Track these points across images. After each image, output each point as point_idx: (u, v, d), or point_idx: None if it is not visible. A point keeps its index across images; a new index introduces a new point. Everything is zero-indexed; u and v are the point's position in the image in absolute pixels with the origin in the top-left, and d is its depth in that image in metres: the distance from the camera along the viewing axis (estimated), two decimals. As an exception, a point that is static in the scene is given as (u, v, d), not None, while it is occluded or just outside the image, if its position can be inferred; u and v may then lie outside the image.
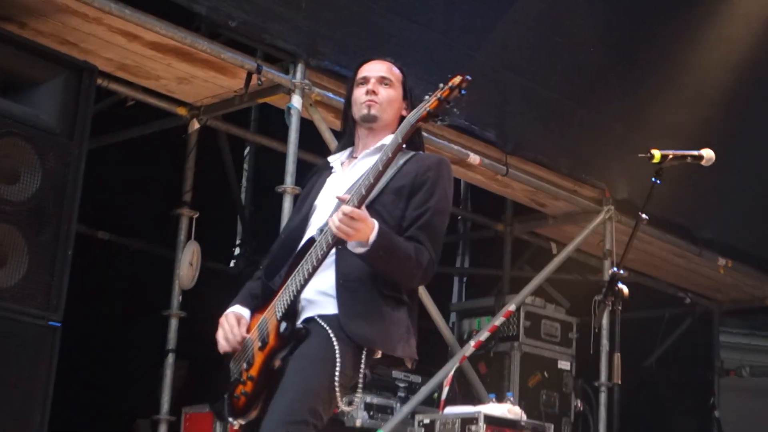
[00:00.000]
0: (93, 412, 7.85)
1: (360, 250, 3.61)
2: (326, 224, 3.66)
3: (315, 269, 3.67)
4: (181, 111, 6.99)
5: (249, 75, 6.28)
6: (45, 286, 5.31)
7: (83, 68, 5.58)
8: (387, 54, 6.16)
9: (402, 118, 3.91)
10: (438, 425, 6.75)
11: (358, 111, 3.99)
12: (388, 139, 3.84)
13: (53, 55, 5.57)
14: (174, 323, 6.90)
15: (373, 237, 3.58)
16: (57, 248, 5.36)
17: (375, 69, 4.03)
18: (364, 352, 3.70)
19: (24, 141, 5.28)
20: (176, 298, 6.92)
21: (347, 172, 3.96)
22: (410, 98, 4.04)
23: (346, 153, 4.07)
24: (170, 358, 6.86)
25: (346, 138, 4.11)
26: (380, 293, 3.71)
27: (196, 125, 7.03)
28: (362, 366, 3.71)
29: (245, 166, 9.36)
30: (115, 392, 8.07)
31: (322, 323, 3.70)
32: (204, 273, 7.08)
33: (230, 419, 3.83)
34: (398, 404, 7.24)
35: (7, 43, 5.33)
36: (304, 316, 3.75)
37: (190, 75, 6.44)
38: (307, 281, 3.69)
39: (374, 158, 3.80)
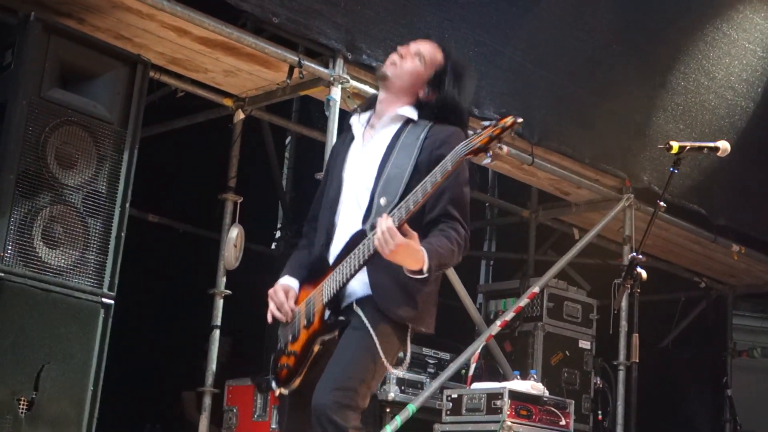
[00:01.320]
0: (142, 385, 7.93)
1: (417, 276, 3.61)
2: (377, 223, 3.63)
3: (362, 267, 3.68)
4: (227, 102, 7.03)
5: (291, 68, 6.30)
6: (99, 265, 5.37)
7: (137, 62, 5.63)
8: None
9: (417, 98, 3.92)
10: (465, 400, 6.76)
11: (379, 67, 4.01)
12: (404, 110, 3.89)
13: (109, 49, 5.62)
14: (219, 301, 6.93)
15: (426, 266, 3.58)
16: (111, 230, 5.42)
17: (421, 44, 4.00)
18: (409, 328, 3.76)
19: (82, 129, 5.34)
20: (221, 278, 6.94)
21: (367, 144, 3.94)
22: (438, 88, 3.95)
23: (366, 116, 4.03)
24: (215, 334, 6.89)
25: (371, 99, 4.12)
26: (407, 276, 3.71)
27: (241, 115, 7.06)
28: (408, 340, 3.77)
29: (286, 154, 9.39)
30: (163, 366, 8.14)
31: (359, 309, 3.73)
32: (247, 254, 7.11)
33: (273, 385, 3.86)
34: (428, 380, 7.26)
35: (68, 38, 5.39)
36: (347, 301, 3.77)
37: (236, 68, 6.47)
38: (353, 275, 3.70)
39: (390, 129, 3.86)
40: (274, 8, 5.98)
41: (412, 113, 3.94)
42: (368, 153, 3.91)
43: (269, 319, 3.92)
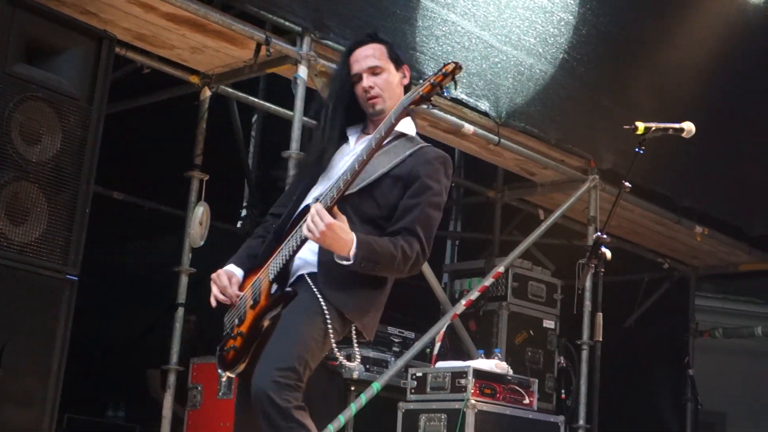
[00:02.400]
0: (107, 362, 7.90)
1: (344, 262, 3.60)
2: (321, 196, 3.65)
3: (305, 241, 3.66)
4: (194, 79, 6.98)
5: (258, 46, 6.28)
6: (63, 241, 5.33)
7: (103, 37, 5.58)
8: (386, 28, 6.20)
9: (406, 87, 3.93)
10: (430, 378, 6.78)
11: (365, 108, 3.94)
12: (403, 126, 3.83)
13: (75, 24, 5.56)
14: (184, 279, 6.91)
15: (353, 251, 3.57)
16: (75, 206, 5.38)
17: (363, 62, 3.93)
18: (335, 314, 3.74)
19: (46, 105, 5.29)
20: (186, 255, 6.92)
21: (355, 147, 3.92)
22: (403, 61, 3.99)
23: (359, 127, 4.02)
24: (180, 312, 6.86)
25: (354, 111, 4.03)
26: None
27: (207, 93, 7.02)
28: (353, 325, 3.77)
29: (253, 132, 9.35)
30: (127, 344, 8.12)
31: (310, 281, 3.72)
32: (212, 232, 7.09)
33: (219, 371, 3.84)
34: (393, 358, 7.28)
35: (33, 12, 5.33)
36: (296, 274, 3.76)
37: (202, 45, 6.43)
38: (299, 247, 3.69)
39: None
40: (242, -16, 5.96)
41: (410, 128, 3.94)
42: (354, 152, 3.86)
43: (212, 303, 3.91)
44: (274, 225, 3.95)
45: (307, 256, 3.75)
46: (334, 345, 3.68)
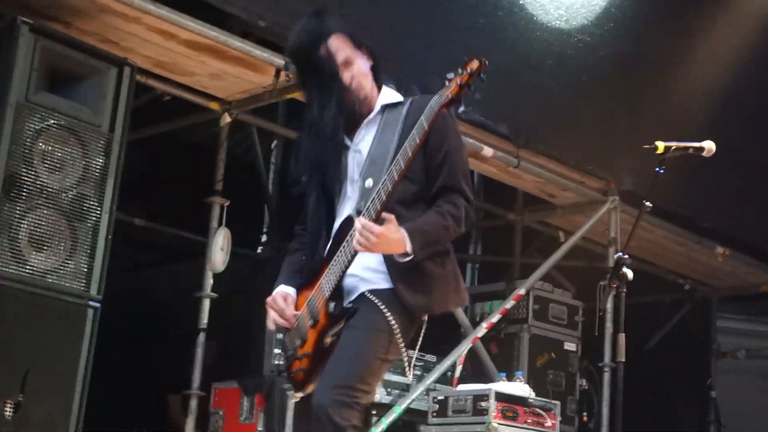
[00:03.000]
0: (129, 388, 7.92)
1: (406, 259, 3.59)
2: (364, 209, 3.62)
3: (355, 254, 3.63)
4: (214, 105, 7.03)
5: (278, 72, 6.32)
6: (86, 268, 5.38)
7: (123, 65, 5.64)
8: (406, 52, 6.20)
9: (373, 68, 3.87)
10: (451, 401, 6.78)
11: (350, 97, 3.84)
12: (384, 98, 3.84)
13: (96, 52, 5.62)
14: (206, 304, 6.93)
15: (409, 246, 3.56)
16: (98, 233, 5.42)
17: (338, 51, 3.79)
18: (424, 319, 3.76)
19: (68, 133, 5.35)
20: (208, 281, 6.95)
21: (356, 142, 3.87)
22: (361, 44, 3.86)
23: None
24: (201, 337, 6.89)
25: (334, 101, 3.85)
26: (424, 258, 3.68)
27: (227, 119, 7.06)
28: (415, 331, 3.77)
29: (272, 158, 9.38)
30: (149, 370, 8.13)
31: (373, 298, 3.68)
32: (233, 258, 7.11)
33: (293, 392, 3.82)
34: (414, 381, 7.27)
35: (54, 41, 5.40)
36: (355, 293, 3.74)
37: (222, 71, 6.48)
38: (351, 262, 3.66)
39: (376, 122, 3.80)
40: (260, 11, 6.00)
41: (392, 96, 3.91)
42: (356, 146, 3.85)
43: (271, 327, 3.90)
44: (303, 239, 3.96)
45: (363, 273, 3.73)
46: (403, 350, 3.68)
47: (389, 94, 3.93)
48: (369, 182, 3.67)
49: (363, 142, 3.85)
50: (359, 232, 3.51)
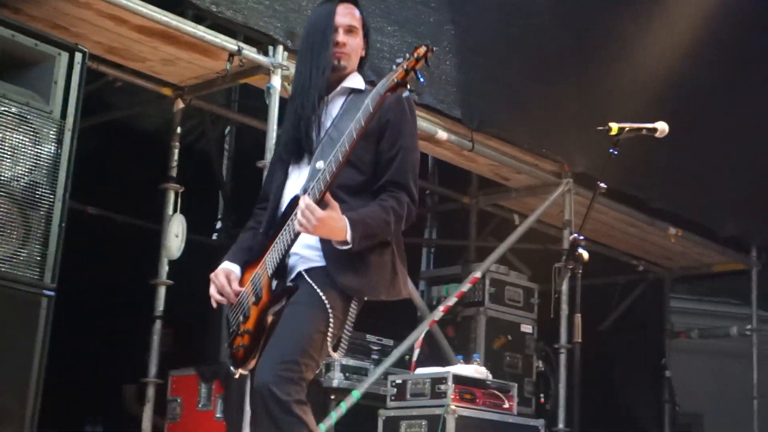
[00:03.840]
0: (84, 377, 7.86)
1: (344, 247, 3.63)
2: (309, 188, 3.66)
3: (298, 233, 3.68)
4: (167, 91, 6.97)
5: (230, 56, 6.27)
6: (40, 256, 5.30)
7: (74, 51, 5.56)
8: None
9: (361, 59, 4.00)
10: (409, 385, 6.80)
11: (330, 59, 3.95)
12: (352, 80, 3.93)
13: (46, 38, 5.53)
14: (161, 291, 6.90)
15: (349, 235, 3.61)
16: (51, 221, 5.35)
17: (342, 18, 3.97)
18: (354, 301, 3.78)
19: (19, 119, 5.26)
20: (163, 268, 6.91)
21: (327, 111, 3.93)
22: (367, 39, 4.06)
23: None
24: (157, 325, 6.85)
25: None
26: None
27: (180, 105, 7.01)
28: (351, 311, 3.78)
29: (226, 144, 9.34)
30: (104, 358, 8.08)
31: (308, 278, 3.73)
32: (188, 245, 7.07)
33: (232, 368, 3.85)
34: (372, 366, 7.28)
35: (3, 26, 5.31)
36: (295, 270, 3.79)
37: (174, 57, 6.42)
38: (294, 240, 3.71)
39: (338, 102, 3.87)
40: (213, -5, 5.96)
41: (358, 83, 3.97)
42: (323, 123, 3.90)
43: (213, 303, 3.92)
44: (261, 217, 3.98)
45: (302, 251, 3.78)
46: (329, 339, 3.69)
47: (356, 80, 3.98)
48: (320, 164, 3.70)
49: (324, 122, 3.88)
50: (301, 213, 3.55)
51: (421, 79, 3.58)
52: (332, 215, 3.58)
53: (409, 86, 3.57)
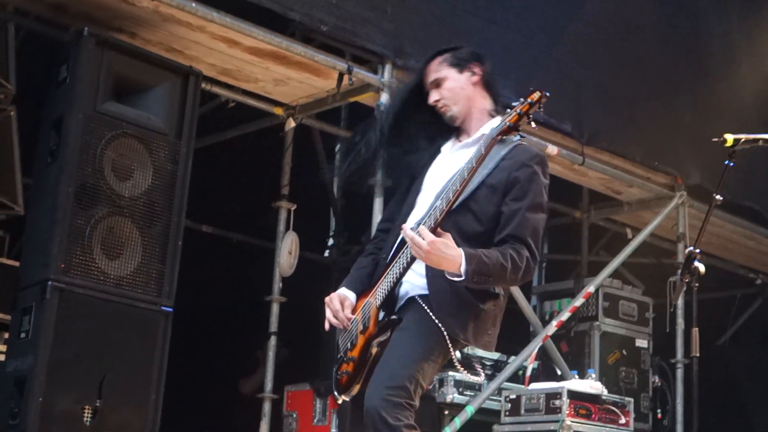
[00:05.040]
0: (202, 392, 7.99)
1: (456, 279, 3.60)
2: (425, 217, 3.66)
3: (409, 264, 3.69)
4: (278, 111, 7.08)
5: (341, 76, 6.34)
6: (157, 274, 5.44)
7: (189, 73, 5.71)
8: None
9: (484, 82, 3.95)
10: (524, 400, 6.76)
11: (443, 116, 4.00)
12: (485, 129, 3.85)
13: (161, 61, 5.69)
14: (275, 308, 6.98)
15: (463, 266, 3.56)
16: (168, 239, 5.49)
17: (427, 78, 3.99)
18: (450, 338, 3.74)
19: (137, 141, 5.42)
20: (277, 285, 6.99)
21: (447, 160, 3.94)
22: (466, 61, 3.98)
23: (451, 135, 4.03)
24: (272, 340, 6.94)
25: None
26: (469, 289, 3.69)
27: (292, 124, 7.11)
28: (450, 348, 3.75)
29: (337, 161, 9.40)
30: (220, 373, 8.21)
31: (422, 303, 3.73)
32: (300, 262, 7.15)
33: (335, 393, 3.88)
34: (486, 381, 7.25)
35: (120, 51, 5.48)
36: (406, 297, 3.79)
37: (286, 77, 6.52)
38: (402, 274, 3.72)
39: (474, 148, 3.81)
40: (322, 16, 6.03)
41: (486, 127, 3.92)
42: (449, 164, 3.88)
43: (326, 326, 3.95)
44: (382, 243, 4.00)
45: (415, 280, 3.77)
46: (454, 357, 3.71)
47: (485, 125, 3.92)
48: (440, 202, 3.68)
49: (456, 163, 3.83)
50: (411, 237, 3.54)
51: (533, 125, 3.58)
52: (445, 242, 3.54)
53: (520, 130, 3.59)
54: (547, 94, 3.54)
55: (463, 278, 3.57)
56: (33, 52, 6.44)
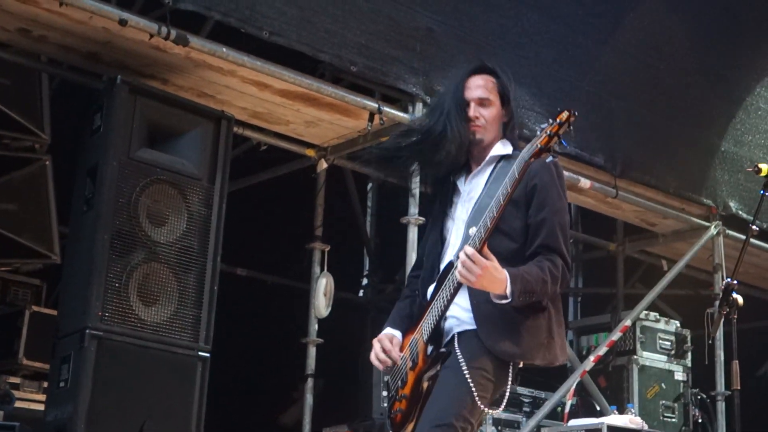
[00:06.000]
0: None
1: (503, 301, 3.61)
2: (470, 240, 3.65)
3: (453, 296, 3.69)
4: (310, 152, 7.10)
5: (371, 115, 6.35)
6: (194, 319, 5.45)
7: (221, 117, 5.75)
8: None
9: (504, 124, 3.96)
10: (563, 437, 6.72)
11: (466, 133, 3.92)
12: (499, 148, 3.91)
13: (193, 107, 5.74)
14: (312, 350, 6.96)
15: (509, 289, 3.58)
16: (203, 284, 5.50)
17: (475, 91, 3.95)
18: (511, 365, 3.74)
19: (170, 186, 5.45)
20: (313, 326, 6.98)
21: (467, 189, 3.95)
22: (508, 102, 3.99)
23: (462, 169, 4.01)
24: (309, 383, 6.91)
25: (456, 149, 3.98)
26: (515, 307, 3.70)
27: (324, 165, 7.12)
28: (509, 376, 3.75)
29: (369, 201, 9.43)
30: (258, 415, 8.20)
31: (456, 344, 3.73)
32: (336, 302, 7.14)
33: None
34: (524, 418, 7.21)
35: (153, 98, 5.53)
36: (451, 333, 3.79)
37: (316, 118, 6.54)
38: (447, 307, 3.72)
39: (486, 173, 3.86)
40: (351, 57, 6.06)
41: (506, 149, 3.96)
42: (468, 195, 3.93)
43: (377, 364, 3.94)
44: (416, 285, 4.00)
45: (459, 314, 3.78)
46: (483, 408, 3.68)
47: (503, 147, 3.97)
48: (472, 230, 3.68)
49: (474, 191, 3.90)
50: (463, 263, 3.53)
51: (565, 144, 3.57)
52: (495, 265, 3.57)
53: (552, 151, 3.58)
54: (576, 113, 3.53)
55: (510, 300, 3.59)
56: (67, 101, 6.52)
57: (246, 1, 5.63)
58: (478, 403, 3.65)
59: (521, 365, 3.78)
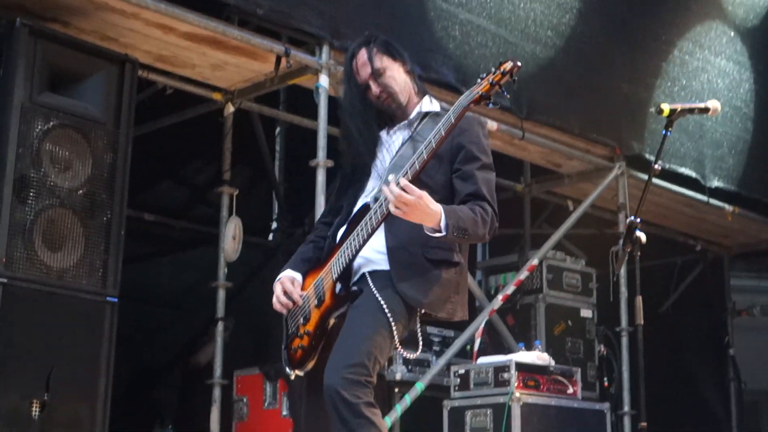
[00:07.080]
0: (150, 380, 7.97)
1: (436, 234, 3.62)
2: (381, 193, 3.66)
3: (370, 236, 3.71)
4: (217, 96, 7.03)
5: (278, 59, 6.32)
6: (101, 265, 5.39)
7: (125, 61, 5.65)
8: (402, 32, 6.20)
9: (409, 73, 3.97)
10: (472, 374, 6.81)
11: (385, 109, 3.96)
12: (425, 105, 3.92)
13: (96, 50, 5.63)
14: (221, 294, 6.96)
15: (443, 222, 3.58)
16: (110, 230, 5.44)
17: (363, 70, 3.95)
18: (417, 313, 3.79)
19: (74, 131, 5.36)
20: (222, 270, 6.96)
21: (387, 143, 3.97)
22: (400, 55, 3.99)
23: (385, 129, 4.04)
24: (219, 326, 6.91)
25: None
26: (429, 259, 3.75)
27: (230, 108, 7.06)
28: (417, 320, 3.80)
29: (277, 145, 9.39)
30: (169, 360, 8.19)
31: (370, 280, 3.77)
32: (244, 246, 7.12)
33: (288, 369, 3.88)
34: (434, 357, 7.30)
35: (54, 41, 5.40)
36: (359, 272, 3.82)
37: (223, 62, 6.48)
38: (362, 247, 3.74)
39: (410, 127, 3.88)
40: (257, 0, 6.00)
41: (433, 106, 3.98)
42: (390, 147, 3.94)
43: (277, 307, 3.94)
44: (323, 232, 4.00)
45: (370, 255, 3.80)
46: (397, 344, 3.73)
47: (429, 104, 3.97)
48: (391, 177, 3.69)
49: (397, 143, 3.92)
50: (397, 195, 3.51)
51: (505, 92, 3.58)
52: (428, 196, 3.57)
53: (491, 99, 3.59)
54: (519, 63, 3.55)
55: (443, 233, 3.60)
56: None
57: (150, -58, 5.54)
58: (395, 333, 3.68)
59: (423, 312, 3.82)
